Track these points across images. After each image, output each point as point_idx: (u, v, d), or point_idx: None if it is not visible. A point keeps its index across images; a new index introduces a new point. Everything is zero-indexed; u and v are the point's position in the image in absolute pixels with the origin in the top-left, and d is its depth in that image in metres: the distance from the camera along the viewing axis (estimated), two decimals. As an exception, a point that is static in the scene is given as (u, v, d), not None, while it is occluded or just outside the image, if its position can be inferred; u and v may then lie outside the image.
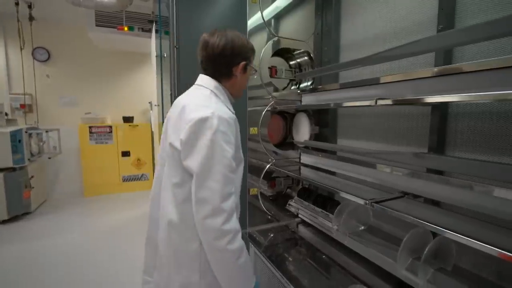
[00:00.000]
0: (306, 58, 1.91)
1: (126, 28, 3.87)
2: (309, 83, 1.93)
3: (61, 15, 4.46)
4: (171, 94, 1.90)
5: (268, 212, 1.86)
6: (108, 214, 4.15)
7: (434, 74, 0.92)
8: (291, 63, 1.98)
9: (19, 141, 3.75)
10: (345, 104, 1.30)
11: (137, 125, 5.25)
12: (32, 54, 4.67)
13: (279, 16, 2.05)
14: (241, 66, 1.05)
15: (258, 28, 1.76)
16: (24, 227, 3.65)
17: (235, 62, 1.04)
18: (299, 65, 1.96)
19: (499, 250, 0.67)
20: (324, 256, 1.40)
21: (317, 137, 1.77)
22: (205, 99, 1.00)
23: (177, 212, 0.97)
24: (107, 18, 3.88)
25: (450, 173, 1.04)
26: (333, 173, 1.53)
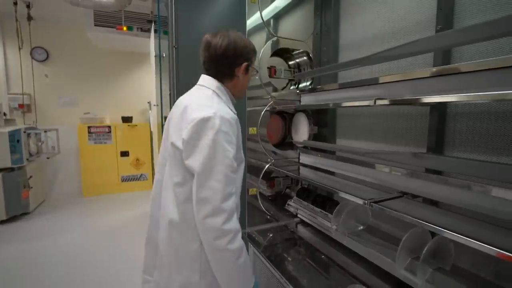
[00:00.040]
0: (305, 58, 1.91)
1: (125, 28, 3.86)
2: (308, 83, 1.93)
3: (59, 15, 4.45)
4: (170, 94, 1.89)
5: (267, 212, 1.86)
6: (107, 214, 4.14)
7: (433, 74, 0.92)
8: (290, 63, 1.98)
9: (18, 141, 3.73)
10: (344, 104, 1.30)
11: (136, 125, 5.24)
12: (31, 54, 4.66)
13: (278, 16, 2.05)
14: (243, 67, 1.05)
15: (257, 28, 1.76)
16: (23, 227, 3.64)
17: (237, 63, 1.04)
18: (298, 65, 1.96)
19: (498, 250, 0.67)
20: (323, 256, 1.40)
21: (316, 137, 1.77)
22: (207, 99, 1.00)
23: (178, 211, 0.97)
24: (106, 18, 3.88)
25: (448, 173, 1.04)
26: (332, 173, 1.53)
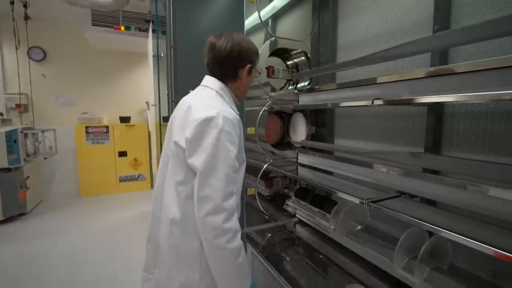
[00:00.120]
0: (303, 58, 1.91)
1: (122, 28, 3.85)
2: (306, 83, 1.93)
3: (57, 15, 4.43)
4: (168, 94, 1.89)
5: (265, 212, 1.86)
6: (105, 214, 4.12)
7: (430, 74, 0.93)
8: (288, 63, 1.98)
9: (15, 141, 3.71)
10: (342, 104, 1.31)
11: (134, 125, 5.23)
12: (28, 53, 4.63)
13: (276, 16, 2.06)
14: (246, 68, 1.07)
15: (256, 28, 1.76)
16: (20, 228, 3.62)
17: (241, 64, 1.06)
18: (296, 65, 1.97)
19: (495, 249, 0.67)
20: (321, 256, 1.41)
21: (314, 137, 1.77)
22: (211, 99, 1.01)
23: (179, 210, 0.98)
24: (103, 17, 3.86)
25: (446, 173, 1.04)
26: (330, 173, 1.53)
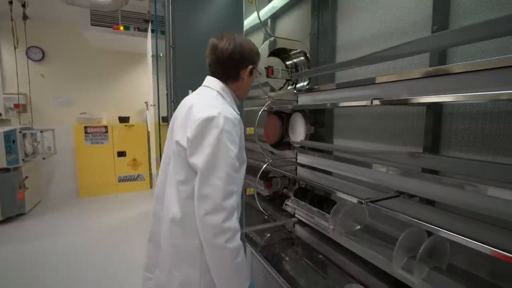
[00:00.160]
0: (302, 58, 1.91)
1: (121, 28, 3.84)
2: (305, 83, 1.93)
3: (55, 14, 4.42)
4: (167, 94, 1.89)
5: (264, 212, 1.86)
6: (104, 214, 4.12)
7: (429, 75, 0.93)
8: (288, 63, 1.98)
9: (13, 141, 3.70)
10: (341, 104, 1.31)
11: (133, 125, 5.22)
12: (26, 53, 4.62)
13: (275, 16, 2.05)
14: (248, 69, 1.08)
15: (255, 28, 1.76)
16: (18, 228, 3.61)
17: (243, 65, 1.07)
18: (295, 65, 1.97)
19: (493, 249, 0.67)
20: (320, 256, 1.41)
21: (313, 137, 1.77)
22: (212, 99, 1.02)
23: (180, 209, 0.99)
24: (102, 17, 3.86)
25: (444, 173, 1.05)
26: (329, 173, 1.53)
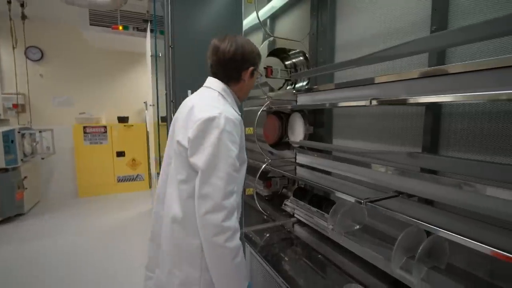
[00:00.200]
0: (301, 58, 1.91)
1: (120, 28, 3.83)
2: (304, 83, 1.93)
3: (54, 14, 4.41)
4: (166, 94, 1.89)
5: (264, 212, 1.86)
6: (103, 214, 4.11)
7: (428, 75, 0.93)
8: (287, 63, 1.98)
9: (12, 141, 3.69)
10: (340, 104, 1.30)
11: (132, 125, 5.21)
12: (25, 53, 4.61)
13: (274, 16, 2.05)
14: (249, 71, 1.09)
15: (254, 28, 1.76)
16: (17, 228, 3.60)
17: (244, 67, 1.08)
18: (294, 65, 1.97)
19: (492, 249, 0.67)
20: (319, 256, 1.41)
21: (313, 137, 1.77)
22: (213, 100, 1.03)
23: (181, 208, 0.99)
24: (101, 17, 3.85)
25: (443, 173, 1.05)
26: (328, 173, 1.53)
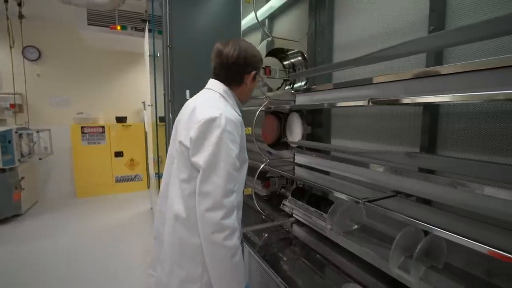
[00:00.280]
0: (300, 58, 1.91)
1: (118, 27, 3.83)
2: (303, 83, 1.93)
3: (52, 14, 4.39)
4: (164, 94, 1.88)
5: (262, 212, 1.86)
6: (101, 215, 4.10)
7: (425, 75, 0.93)
8: (285, 63, 1.98)
9: (9, 141, 3.68)
10: (338, 104, 1.31)
11: (130, 125, 5.20)
12: (22, 53, 4.58)
13: (273, 16, 2.06)
14: (252, 74, 1.12)
15: (252, 28, 1.76)
16: (14, 229, 3.58)
17: (247, 70, 1.10)
18: (293, 65, 1.97)
19: (489, 248, 0.68)
20: (318, 255, 1.41)
21: (311, 137, 1.77)
22: (215, 101, 1.05)
23: (183, 206, 1.01)
24: (99, 17, 3.84)
25: (441, 173, 1.05)
26: (327, 173, 1.53)
